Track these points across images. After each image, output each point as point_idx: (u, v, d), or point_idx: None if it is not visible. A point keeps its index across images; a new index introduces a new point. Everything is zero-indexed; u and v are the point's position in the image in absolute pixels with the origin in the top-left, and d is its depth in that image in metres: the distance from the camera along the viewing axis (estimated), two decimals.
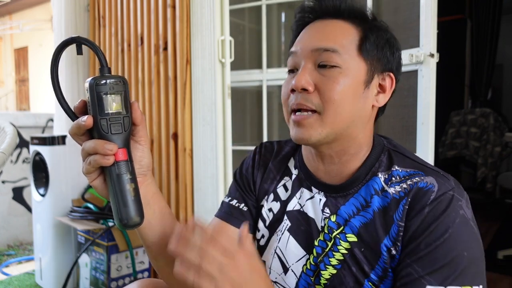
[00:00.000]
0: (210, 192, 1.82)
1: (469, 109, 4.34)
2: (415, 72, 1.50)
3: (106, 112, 0.54)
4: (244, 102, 2.34)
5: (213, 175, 1.81)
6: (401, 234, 0.63)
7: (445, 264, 0.58)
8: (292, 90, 0.67)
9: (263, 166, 0.83)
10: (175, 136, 1.91)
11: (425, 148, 1.48)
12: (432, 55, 1.44)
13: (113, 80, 0.54)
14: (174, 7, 1.88)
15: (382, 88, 0.71)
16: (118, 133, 0.55)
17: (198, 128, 1.84)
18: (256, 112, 2.31)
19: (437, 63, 1.46)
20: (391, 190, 0.66)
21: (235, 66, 1.84)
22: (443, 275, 0.58)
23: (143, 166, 0.62)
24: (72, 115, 0.57)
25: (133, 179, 0.55)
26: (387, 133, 1.70)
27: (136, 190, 0.55)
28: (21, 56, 9.46)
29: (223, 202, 0.85)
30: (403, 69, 1.60)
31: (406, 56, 1.50)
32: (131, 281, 1.93)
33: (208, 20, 1.77)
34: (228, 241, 0.52)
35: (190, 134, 1.87)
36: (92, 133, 0.55)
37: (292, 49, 0.71)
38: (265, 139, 2.00)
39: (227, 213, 0.82)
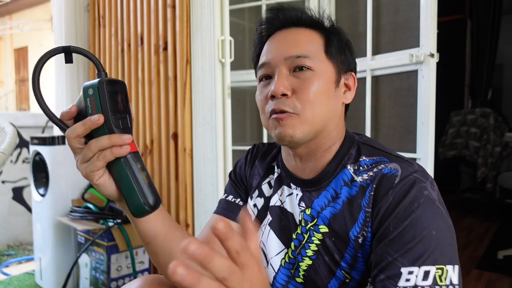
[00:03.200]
0: (210, 192, 1.82)
1: (469, 109, 4.34)
2: (415, 72, 1.50)
3: (117, 109, 0.57)
4: (244, 102, 2.34)
5: (213, 175, 1.81)
6: (368, 220, 0.66)
7: (415, 244, 0.59)
8: (272, 97, 0.70)
9: (252, 164, 0.89)
10: (175, 136, 1.91)
11: (425, 148, 1.48)
12: (432, 55, 1.44)
13: (116, 81, 0.58)
14: (174, 7, 1.88)
15: (347, 87, 0.77)
16: (126, 128, 0.58)
17: (198, 128, 1.84)
18: (256, 112, 2.30)
19: (437, 63, 1.46)
20: (359, 179, 0.70)
21: (235, 66, 1.84)
22: (414, 255, 0.59)
23: None
24: (60, 123, 0.59)
25: (144, 168, 0.59)
26: (387, 133, 1.70)
27: (149, 177, 0.59)
28: (21, 56, 9.46)
29: (220, 200, 0.90)
30: (403, 69, 1.61)
31: (406, 56, 1.50)
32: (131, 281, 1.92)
33: (208, 20, 1.77)
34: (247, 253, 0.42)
35: (190, 134, 1.87)
36: (93, 133, 0.57)
37: (263, 60, 0.74)
38: (265, 139, 2.00)
39: (224, 209, 0.87)
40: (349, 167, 0.72)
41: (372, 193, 0.66)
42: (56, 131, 2.41)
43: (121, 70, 2.16)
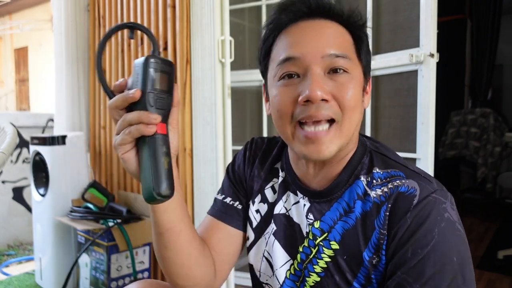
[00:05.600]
0: (210, 192, 1.82)
1: (469, 109, 4.34)
2: (415, 72, 1.50)
3: (155, 87, 0.56)
4: (244, 102, 2.34)
5: (213, 175, 1.81)
6: (383, 242, 0.62)
7: (435, 272, 0.56)
8: (307, 101, 0.60)
9: (252, 164, 0.82)
10: None
11: (425, 148, 1.48)
12: (432, 55, 1.44)
13: (164, 60, 0.58)
14: (174, 7, 1.88)
15: (365, 91, 0.70)
16: (161, 109, 0.57)
17: (198, 128, 1.84)
18: (256, 112, 2.31)
19: (437, 63, 1.46)
20: (373, 194, 0.65)
21: (235, 66, 1.84)
22: (435, 283, 0.56)
23: (172, 148, 0.61)
24: (110, 93, 0.60)
25: (168, 154, 0.58)
26: (387, 133, 1.70)
27: (170, 164, 0.57)
28: (21, 56, 9.45)
29: (216, 199, 0.83)
30: (403, 69, 1.61)
31: (406, 56, 1.50)
32: (131, 281, 1.93)
33: (208, 20, 1.77)
34: None
35: (190, 134, 1.87)
36: (133, 107, 0.57)
37: (290, 53, 0.63)
38: None
39: (221, 212, 0.80)
40: (362, 178, 0.67)
41: (388, 213, 0.61)
42: (57, 131, 2.41)
43: (121, 70, 2.16)
